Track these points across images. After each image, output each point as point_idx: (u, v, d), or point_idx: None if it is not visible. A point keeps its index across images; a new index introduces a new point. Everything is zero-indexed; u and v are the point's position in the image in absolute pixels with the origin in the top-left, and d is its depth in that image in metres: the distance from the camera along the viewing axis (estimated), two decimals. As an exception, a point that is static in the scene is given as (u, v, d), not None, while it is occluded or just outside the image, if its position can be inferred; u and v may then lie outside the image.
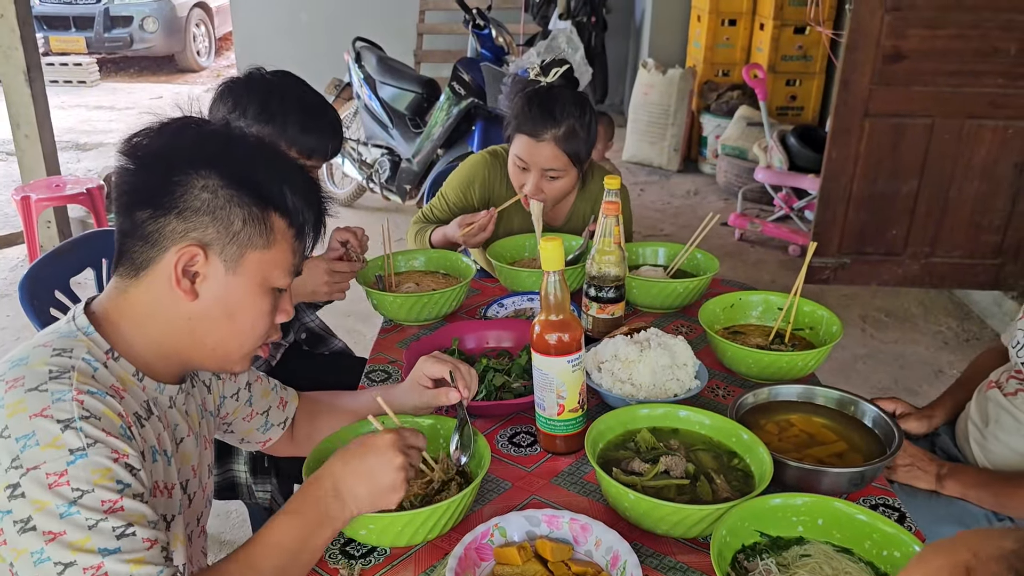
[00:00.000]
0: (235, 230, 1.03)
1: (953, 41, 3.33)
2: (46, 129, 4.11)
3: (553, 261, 1.31)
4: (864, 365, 3.45)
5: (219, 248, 1.03)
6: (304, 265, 1.19)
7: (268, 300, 1.10)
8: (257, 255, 1.06)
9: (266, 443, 1.42)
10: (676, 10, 5.97)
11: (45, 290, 1.88)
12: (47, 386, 0.94)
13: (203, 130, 1.07)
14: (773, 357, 1.56)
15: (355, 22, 6.13)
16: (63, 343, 1.02)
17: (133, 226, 1.03)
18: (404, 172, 4.53)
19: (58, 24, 8.26)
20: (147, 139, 1.05)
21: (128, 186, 1.04)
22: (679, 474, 1.24)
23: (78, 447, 0.91)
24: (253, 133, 1.11)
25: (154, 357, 1.09)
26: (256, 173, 1.05)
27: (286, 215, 1.07)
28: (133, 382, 1.06)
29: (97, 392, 0.97)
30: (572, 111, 2.00)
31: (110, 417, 0.96)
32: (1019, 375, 1.67)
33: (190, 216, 1.01)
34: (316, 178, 1.16)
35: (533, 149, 2.02)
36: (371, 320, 3.56)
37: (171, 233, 1.02)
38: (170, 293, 1.04)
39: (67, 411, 0.93)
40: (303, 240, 1.11)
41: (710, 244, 4.78)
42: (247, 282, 1.06)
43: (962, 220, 3.62)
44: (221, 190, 1.02)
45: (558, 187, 2.07)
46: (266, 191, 1.05)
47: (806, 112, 5.51)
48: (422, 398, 1.37)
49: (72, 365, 0.98)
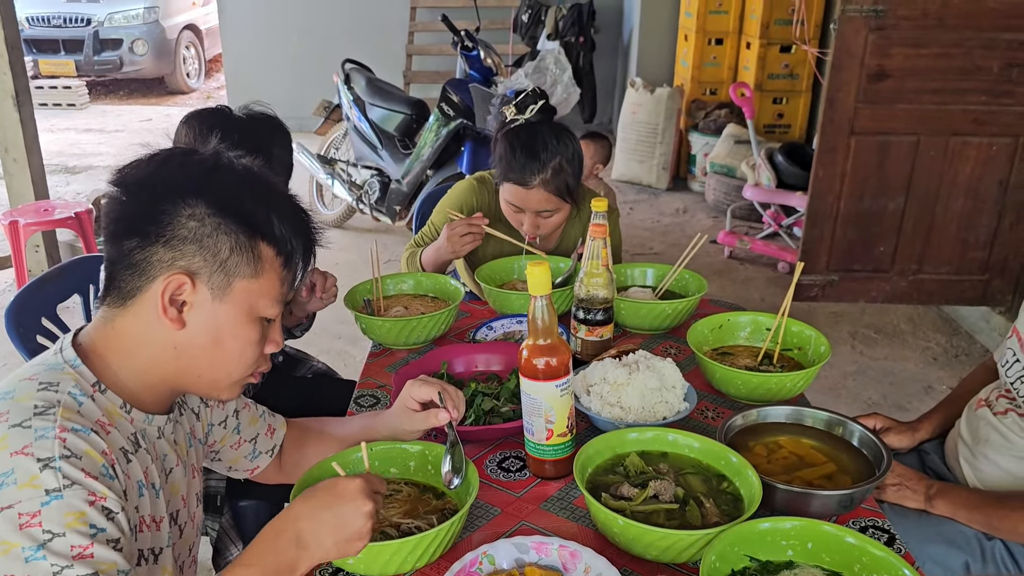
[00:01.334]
0: (222, 258, 1.03)
1: (937, 60, 3.36)
2: (34, 153, 4.11)
3: (540, 286, 1.32)
4: (854, 382, 3.46)
5: (206, 276, 1.03)
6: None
7: (256, 329, 1.09)
8: (244, 283, 1.05)
9: (254, 471, 1.41)
10: (663, 30, 6.02)
11: (31, 317, 1.88)
12: (31, 422, 0.94)
13: (190, 159, 1.07)
14: (762, 378, 1.57)
15: (344, 44, 6.15)
16: (49, 376, 1.01)
17: (121, 255, 1.03)
18: (394, 193, 4.54)
19: (47, 47, 8.27)
20: (135, 169, 1.05)
21: (116, 215, 1.04)
22: (668, 498, 1.24)
23: (54, 488, 0.90)
24: (243, 163, 1.10)
25: (142, 387, 1.08)
26: (243, 202, 1.05)
27: (274, 243, 1.07)
28: (120, 415, 1.05)
29: (81, 429, 0.96)
30: (555, 148, 2.02)
31: (92, 457, 0.94)
32: (1008, 394, 1.67)
33: (177, 244, 1.02)
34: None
35: (524, 196, 2.04)
36: (360, 342, 3.55)
37: (158, 262, 1.02)
38: (158, 322, 1.04)
39: (48, 449, 0.92)
40: (292, 269, 1.11)
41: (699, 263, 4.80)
42: (234, 310, 1.06)
43: (949, 236, 3.65)
44: (208, 218, 1.02)
45: (554, 222, 2.12)
46: (253, 219, 1.05)
47: (793, 130, 5.55)
48: (411, 422, 1.37)
49: (58, 400, 0.98)
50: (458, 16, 4.97)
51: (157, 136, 1.14)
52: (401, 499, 1.29)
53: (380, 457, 1.35)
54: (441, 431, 1.38)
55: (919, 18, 3.30)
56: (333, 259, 4.60)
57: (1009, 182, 3.50)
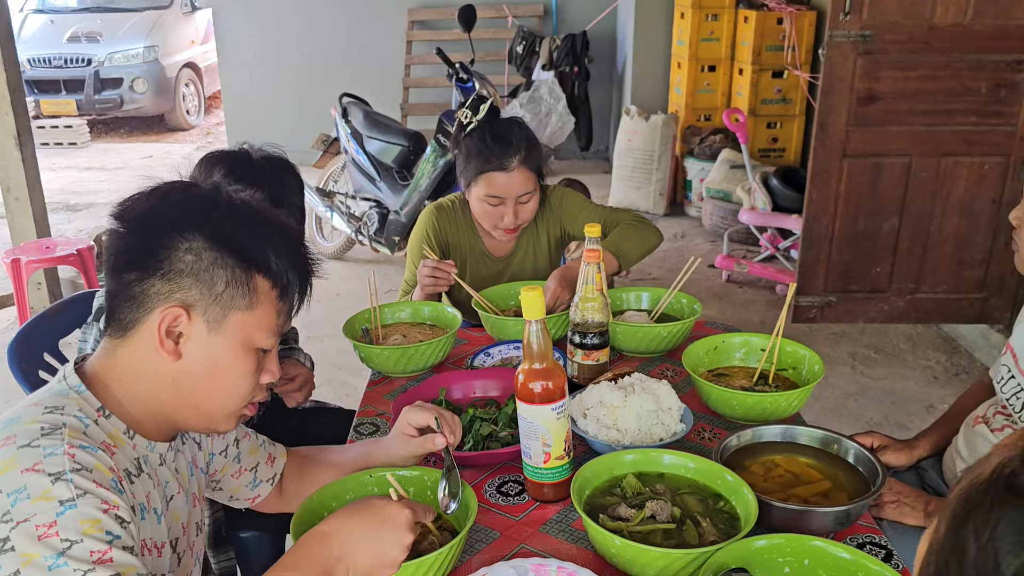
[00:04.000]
0: (218, 291, 1.06)
1: (925, 82, 3.41)
2: (36, 192, 4.15)
3: (534, 311, 1.33)
4: (855, 403, 3.46)
5: (202, 309, 1.06)
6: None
7: (251, 360, 1.11)
8: (240, 316, 1.08)
9: (255, 500, 1.42)
10: (657, 58, 6.09)
11: (34, 353, 1.89)
12: (39, 442, 0.96)
13: (189, 194, 1.10)
14: (757, 398, 1.58)
15: (341, 78, 6.23)
16: (54, 401, 1.03)
17: (121, 287, 1.06)
18: (392, 224, 4.57)
19: (48, 88, 8.36)
20: (136, 203, 1.08)
21: (117, 248, 1.07)
22: (665, 518, 1.25)
23: (68, 498, 0.91)
24: (242, 196, 1.13)
25: (143, 416, 1.10)
26: (239, 236, 1.07)
27: (269, 276, 1.09)
28: (123, 440, 1.07)
29: (88, 447, 0.98)
30: (519, 132, 2.13)
31: (101, 470, 0.97)
32: (1005, 410, 1.68)
33: (174, 278, 1.04)
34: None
35: (506, 180, 2.09)
36: (361, 373, 3.56)
37: (156, 294, 1.04)
38: (155, 353, 1.06)
39: (59, 464, 0.93)
40: (288, 301, 1.13)
41: (699, 286, 4.82)
42: (230, 342, 1.08)
43: (944, 255, 3.67)
44: (205, 252, 1.05)
45: (531, 208, 2.17)
46: (249, 253, 1.07)
47: (788, 154, 5.59)
48: (408, 448, 1.38)
49: (64, 422, 1.00)
50: (453, 49, 5.03)
51: (159, 172, 1.17)
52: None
53: (380, 483, 1.35)
54: (439, 456, 1.39)
55: (906, 42, 3.35)
56: (333, 290, 4.62)
57: (1002, 200, 3.53)
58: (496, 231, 2.18)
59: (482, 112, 2.16)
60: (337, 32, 6.90)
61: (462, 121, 2.17)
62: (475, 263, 2.28)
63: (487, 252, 2.28)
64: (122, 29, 8.59)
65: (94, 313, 1.77)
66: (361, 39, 6.90)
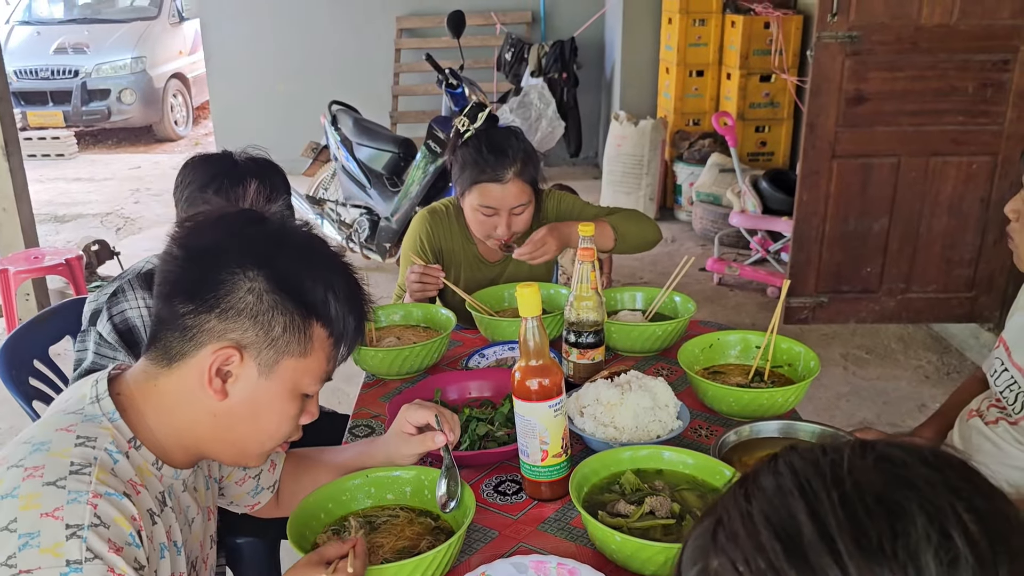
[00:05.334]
0: (274, 336, 1.02)
1: (913, 82, 3.43)
2: (24, 202, 4.12)
3: (530, 307, 1.33)
4: (848, 403, 3.47)
5: (256, 352, 1.02)
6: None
7: (296, 405, 1.09)
8: (293, 362, 1.05)
9: (254, 506, 1.41)
10: (645, 63, 6.12)
11: (24, 360, 1.88)
12: (65, 482, 0.92)
13: (256, 228, 1.06)
14: (753, 395, 1.58)
15: (330, 87, 6.22)
16: (88, 430, 1.00)
17: (172, 316, 1.02)
18: (383, 231, 4.57)
19: (35, 99, 8.32)
20: (199, 232, 1.04)
21: (172, 276, 1.03)
22: (664, 514, 1.24)
23: (76, 559, 0.88)
24: (306, 233, 1.10)
25: (175, 446, 1.08)
26: (303, 280, 1.04)
27: (328, 325, 1.06)
28: (151, 472, 1.05)
29: (114, 495, 0.94)
30: (516, 143, 2.11)
31: (120, 525, 0.93)
32: (999, 403, 1.69)
33: (232, 317, 1.01)
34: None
35: (500, 192, 2.07)
36: (355, 379, 3.54)
37: (209, 330, 1.01)
38: (200, 389, 1.03)
39: (79, 516, 0.90)
40: (340, 349, 1.10)
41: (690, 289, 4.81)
42: (279, 388, 1.05)
43: (934, 255, 3.69)
44: (266, 295, 1.01)
45: (525, 219, 2.15)
46: (310, 299, 1.04)
47: (776, 156, 5.62)
48: (407, 446, 1.37)
49: (95, 457, 0.97)
50: (442, 56, 5.03)
51: (146, 183, 1.14)
52: (398, 524, 1.28)
53: (376, 484, 1.35)
54: (437, 456, 1.38)
55: (893, 42, 3.37)
56: (324, 298, 4.61)
57: (990, 199, 3.55)
58: (489, 241, 2.17)
59: (480, 120, 2.15)
60: (326, 41, 6.90)
61: (459, 129, 2.16)
62: (469, 268, 2.27)
63: (481, 257, 2.28)
64: (109, 40, 8.57)
65: (88, 318, 1.76)
66: (350, 48, 6.90)
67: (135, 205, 6.63)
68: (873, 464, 0.54)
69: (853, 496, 0.52)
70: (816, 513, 0.51)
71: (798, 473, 0.54)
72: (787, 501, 0.53)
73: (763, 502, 0.54)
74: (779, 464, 0.56)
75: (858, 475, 0.53)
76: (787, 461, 0.56)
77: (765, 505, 0.54)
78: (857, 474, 0.53)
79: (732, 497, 0.56)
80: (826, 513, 0.51)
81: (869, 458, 0.55)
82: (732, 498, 0.56)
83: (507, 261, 2.28)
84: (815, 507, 0.52)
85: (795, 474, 0.54)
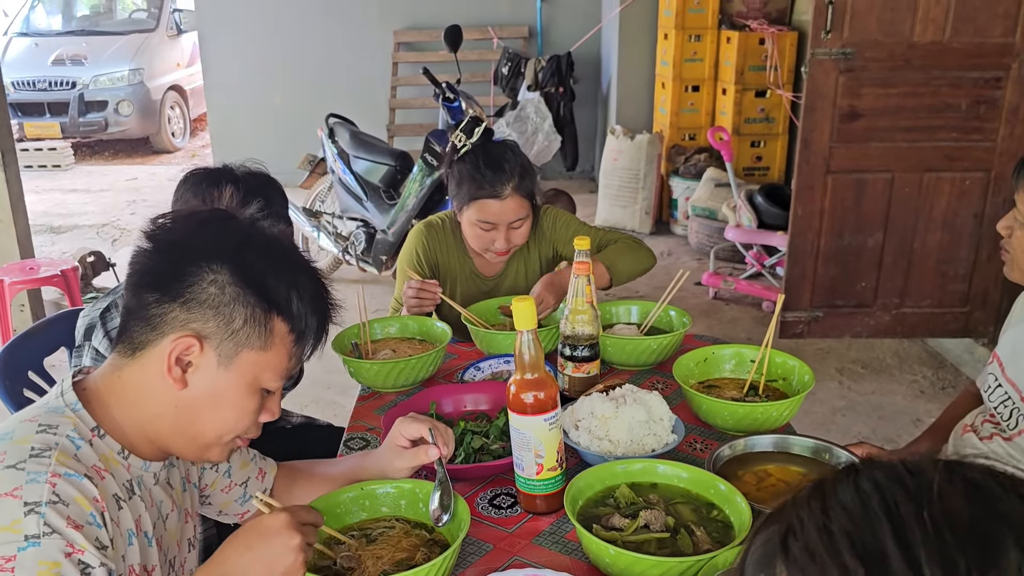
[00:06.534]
0: (235, 327, 1.05)
1: (906, 99, 3.45)
2: (20, 213, 4.12)
3: (526, 320, 1.33)
4: (843, 417, 3.47)
5: (216, 342, 1.04)
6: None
7: (256, 399, 1.10)
8: (252, 355, 1.07)
9: (244, 515, 1.40)
10: (641, 78, 6.15)
11: (18, 371, 1.87)
12: (25, 464, 0.94)
13: (225, 225, 1.09)
14: (748, 409, 1.58)
15: (328, 100, 6.23)
16: (49, 419, 1.02)
17: (138, 306, 1.05)
18: (380, 243, 4.57)
19: (32, 111, 8.33)
20: (171, 224, 1.07)
21: (141, 267, 1.06)
22: (659, 527, 1.24)
23: (34, 534, 0.89)
24: (274, 233, 1.12)
25: (139, 438, 1.09)
26: (267, 275, 1.06)
27: (289, 320, 1.08)
28: (117, 461, 1.06)
29: (74, 475, 0.96)
30: (512, 158, 2.11)
31: (80, 504, 0.94)
32: (993, 419, 1.69)
33: (194, 307, 1.03)
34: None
35: (499, 208, 2.08)
36: (350, 391, 3.54)
37: (172, 320, 1.04)
38: (161, 379, 1.05)
39: (37, 493, 0.92)
40: (302, 346, 1.12)
41: (685, 304, 4.82)
42: (237, 379, 1.07)
43: (928, 270, 3.70)
44: (228, 287, 1.04)
45: (523, 232, 2.16)
46: (273, 295, 1.06)
47: (772, 171, 5.64)
48: (401, 459, 1.37)
49: (56, 443, 0.98)
50: (439, 70, 5.05)
51: (143, 194, 1.16)
52: (394, 536, 1.28)
53: (370, 496, 1.35)
54: (431, 469, 1.38)
55: (886, 59, 3.40)
56: (320, 311, 4.60)
57: (984, 215, 3.57)
58: (487, 254, 2.18)
59: (476, 135, 2.15)
60: (323, 54, 6.92)
61: (455, 144, 2.17)
62: (465, 282, 2.27)
63: (477, 272, 2.28)
64: (107, 52, 8.59)
65: (83, 333, 1.76)
66: (347, 61, 6.93)
67: (131, 216, 6.63)
68: (963, 490, 0.52)
69: (943, 524, 0.50)
70: (903, 539, 0.50)
71: (883, 492, 0.53)
72: (871, 522, 0.51)
73: (844, 519, 0.52)
74: (861, 480, 0.54)
75: (947, 502, 0.51)
76: (870, 478, 0.54)
77: (846, 522, 0.52)
78: (946, 501, 0.51)
79: (806, 508, 0.54)
80: (915, 540, 0.49)
81: (958, 483, 0.53)
82: (806, 509, 0.54)
83: (503, 276, 2.28)
84: (902, 532, 0.50)
85: (880, 493, 0.53)
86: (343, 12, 6.83)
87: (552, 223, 2.27)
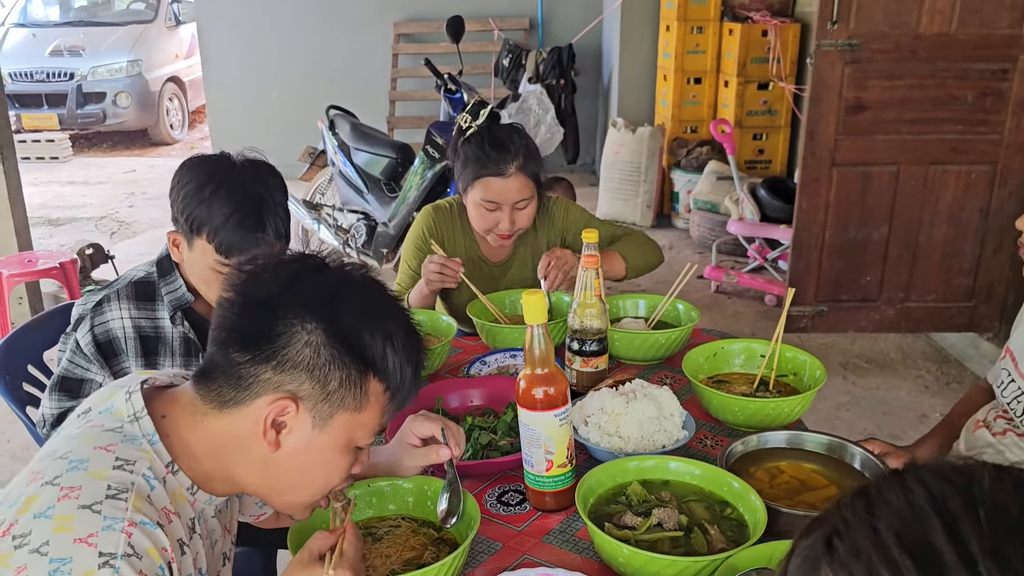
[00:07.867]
0: (330, 390, 1.00)
1: (912, 91, 3.42)
2: (18, 205, 4.09)
3: (536, 314, 1.31)
4: (848, 413, 3.45)
5: (311, 404, 1.00)
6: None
7: (348, 459, 1.07)
8: (347, 416, 1.03)
9: (260, 516, 1.38)
10: (643, 70, 6.11)
11: (18, 365, 1.85)
12: (101, 507, 0.90)
13: (317, 277, 1.03)
14: (759, 404, 1.56)
15: (328, 92, 6.20)
16: (127, 452, 0.97)
17: (226, 363, 1.00)
18: (380, 236, 4.54)
19: (30, 102, 8.28)
20: (259, 281, 1.01)
21: (228, 323, 1.01)
22: (672, 526, 1.22)
23: None
24: (367, 279, 1.07)
25: (220, 479, 1.06)
26: (362, 333, 1.01)
27: (384, 379, 1.04)
28: (185, 498, 1.03)
29: (148, 524, 0.92)
30: (518, 139, 2.10)
31: (152, 557, 0.91)
32: (1006, 414, 1.67)
33: (288, 369, 0.99)
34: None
35: (503, 187, 2.06)
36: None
37: (265, 381, 0.99)
38: (252, 437, 1.01)
39: (113, 544, 0.88)
40: (396, 400, 1.08)
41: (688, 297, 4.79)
42: (332, 442, 1.03)
43: (933, 264, 3.68)
44: (323, 349, 0.99)
45: (528, 214, 2.14)
46: (368, 354, 1.02)
47: (774, 164, 5.62)
48: (411, 458, 1.34)
49: (132, 482, 0.94)
50: (439, 62, 5.01)
51: (141, 187, 1.11)
52: (401, 535, 1.26)
53: (377, 494, 1.32)
54: (440, 467, 1.36)
55: (892, 51, 3.37)
56: (320, 304, 4.58)
57: (990, 209, 3.55)
58: (490, 236, 2.15)
59: (482, 117, 2.13)
60: (323, 46, 6.88)
61: (461, 126, 2.14)
62: (471, 267, 2.23)
63: (483, 257, 2.26)
64: (105, 43, 8.54)
65: (72, 324, 1.73)
66: (347, 53, 6.88)
67: (130, 209, 6.60)
68: (1013, 488, 0.53)
69: (994, 519, 0.50)
70: (955, 533, 0.50)
71: (931, 490, 0.53)
72: (920, 518, 0.51)
73: (892, 518, 0.52)
74: (907, 479, 0.54)
75: (998, 498, 0.52)
76: (917, 477, 0.54)
77: (895, 521, 0.52)
78: (997, 497, 0.52)
79: (851, 509, 0.54)
80: (967, 534, 0.49)
81: (1007, 481, 0.53)
82: (851, 510, 0.54)
83: (510, 261, 2.26)
84: (954, 527, 0.50)
85: (928, 491, 0.53)
86: (343, 3, 6.78)
87: (564, 212, 2.26)
